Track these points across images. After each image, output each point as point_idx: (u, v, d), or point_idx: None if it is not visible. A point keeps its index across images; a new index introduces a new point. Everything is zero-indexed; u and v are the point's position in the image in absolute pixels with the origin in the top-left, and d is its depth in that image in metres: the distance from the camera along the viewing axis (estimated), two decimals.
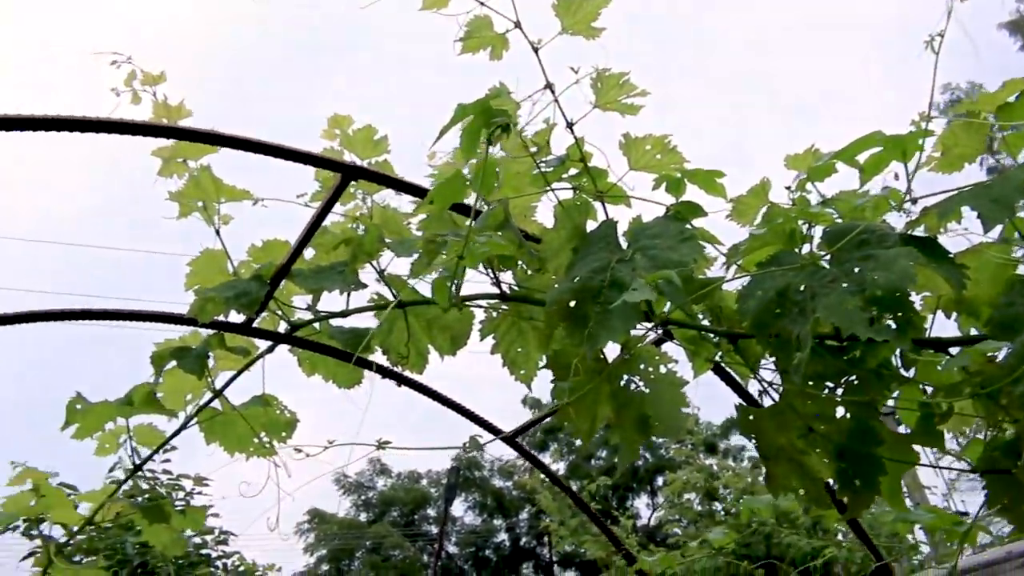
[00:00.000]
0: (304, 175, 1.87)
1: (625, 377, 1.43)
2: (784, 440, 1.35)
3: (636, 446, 1.45)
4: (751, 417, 1.41)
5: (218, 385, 1.92)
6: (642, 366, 1.42)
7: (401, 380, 1.93)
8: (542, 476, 10.02)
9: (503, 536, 26.16)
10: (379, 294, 1.76)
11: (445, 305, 1.42)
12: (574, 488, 8.67)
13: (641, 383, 1.43)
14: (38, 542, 7.18)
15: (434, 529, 25.70)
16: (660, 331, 1.50)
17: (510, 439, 2.17)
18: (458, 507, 26.53)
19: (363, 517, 25.18)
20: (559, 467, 22.14)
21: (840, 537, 7.83)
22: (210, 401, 1.89)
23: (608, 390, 1.43)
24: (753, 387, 1.77)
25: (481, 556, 26.05)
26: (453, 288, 1.46)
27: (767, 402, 1.45)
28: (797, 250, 1.33)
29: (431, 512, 25.92)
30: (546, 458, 24.73)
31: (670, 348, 1.56)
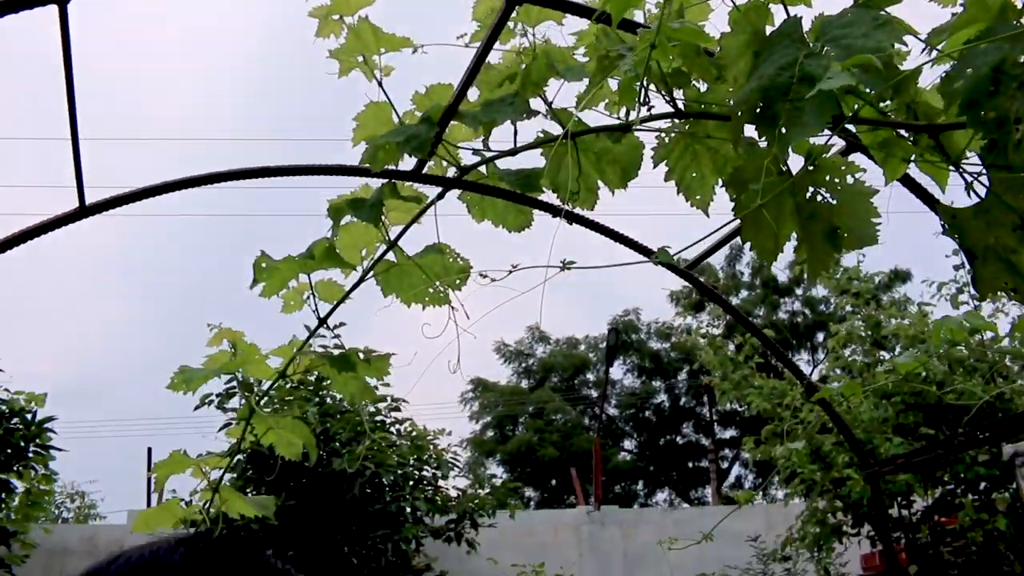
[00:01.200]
0: (461, 19, 1.84)
1: (811, 190, 1.36)
2: (992, 238, 1.27)
3: (825, 260, 1.39)
4: (954, 217, 1.32)
5: (390, 239, 1.96)
6: (828, 177, 1.36)
7: (572, 218, 1.92)
8: (701, 336, 10.00)
9: (662, 397, 26.49)
10: (545, 130, 1.73)
11: (628, 120, 1.38)
12: (731, 346, 8.59)
13: (828, 195, 1.36)
14: (232, 415, 7.78)
15: (594, 393, 26.29)
16: (845, 140, 1.42)
17: (686, 272, 2.14)
18: (617, 370, 26.96)
19: (524, 384, 26.00)
20: (717, 329, 22.00)
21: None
22: (385, 253, 1.94)
23: (792, 205, 1.38)
24: (949, 195, 1.65)
25: (641, 417, 26.54)
26: (624, 113, 1.42)
27: (969, 201, 1.35)
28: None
29: (590, 376, 26.47)
30: (703, 317, 24.63)
31: (857, 159, 1.48)
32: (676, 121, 1.59)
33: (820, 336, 25.27)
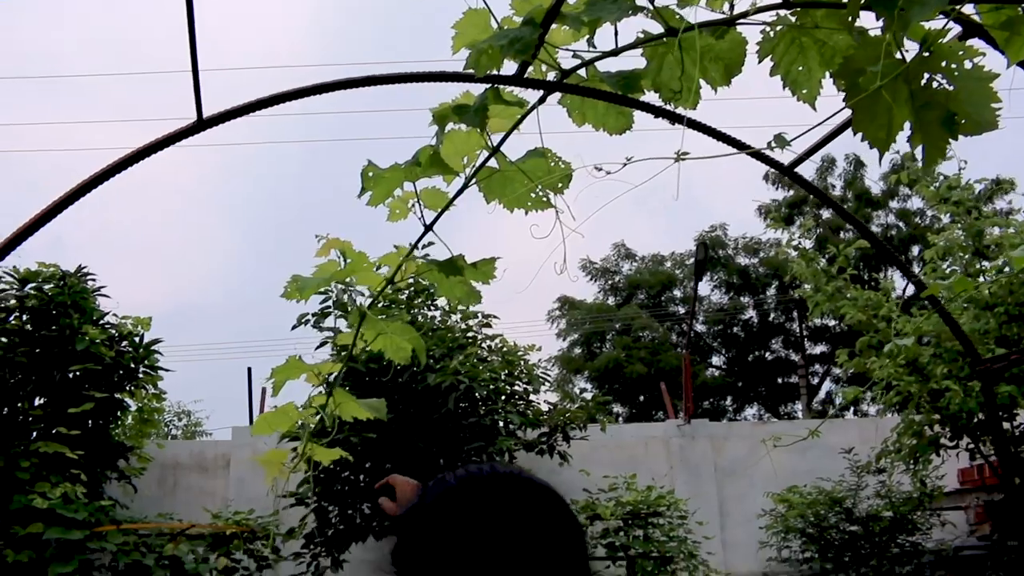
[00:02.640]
0: None
1: (926, 77, 1.33)
2: None
3: (942, 147, 1.37)
4: None
5: (492, 145, 1.99)
6: (945, 63, 1.32)
7: (674, 118, 1.91)
8: (791, 248, 9.80)
9: (751, 313, 26.22)
10: (645, 30, 1.72)
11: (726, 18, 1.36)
12: (823, 261, 8.40)
13: (944, 81, 1.33)
14: (328, 334, 8.02)
15: (681, 309, 26.17)
16: (963, 24, 1.37)
17: (789, 170, 2.12)
18: (704, 286, 26.72)
19: (611, 301, 26.03)
20: (807, 243, 21.53)
21: None
22: (487, 159, 1.96)
23: (906, 93, 1.35)
24: None
25: (729, 334, 26.36)
26: (728, 7, 1.40)
27: None
28: None
29: (677, 293, 26.32)
30: (793, 231, 24.09)
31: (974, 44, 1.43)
32: (782, 13, 1.56)
33: (915, 250, 24.52)
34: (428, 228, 1.96)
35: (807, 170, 23.87)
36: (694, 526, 8.93)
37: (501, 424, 8.42)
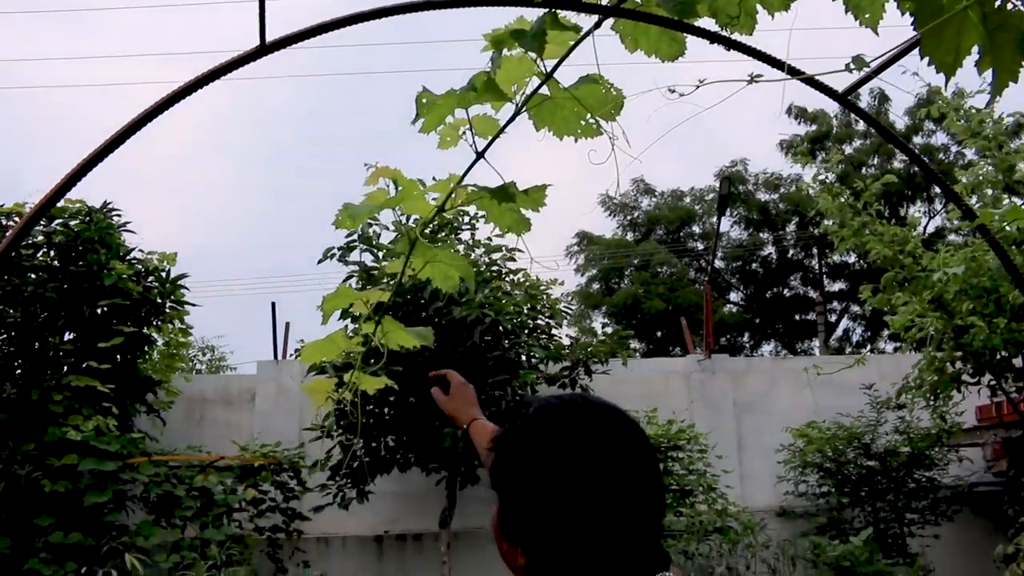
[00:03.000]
0: None
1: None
2: None
3: (1014, 70, 1.35)
4: None
5: (545, 72, 1.98)
6: None
7: (729, 44, 1.89)
8: (811, 183, 9.72)
9: (770, 249, 26.12)
10: None
11: None
12: (846, 195, 8.31)
13: (1020, 3, 1.31)
14: (353, 267, 8.05)
15: (700, 245, 26.10)
16: None
17: (842, 97, 2.10)
18: (724, 222, 26.61)
19: (629, 237, 25.95)
20: (829, 175, 21.33)
21: None
22: (541, 85, 1.95)
23: (978, 14, 1.33)
24: None
25: (748, 270, 26.30)
26: None
27: None
28: None
29: (696, 229, 26.20)
30: (815, 168, 23.84)
31: None
32: None
33: (937, 187, 24.24)
34: (480, 155, 1.96)
35: (831, 105, 23.47)
36: (713, 460, 9.04)
37: (524, 358, 8.49)
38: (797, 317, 26.37)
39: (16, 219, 8.15)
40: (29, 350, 7.90)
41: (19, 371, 8.01)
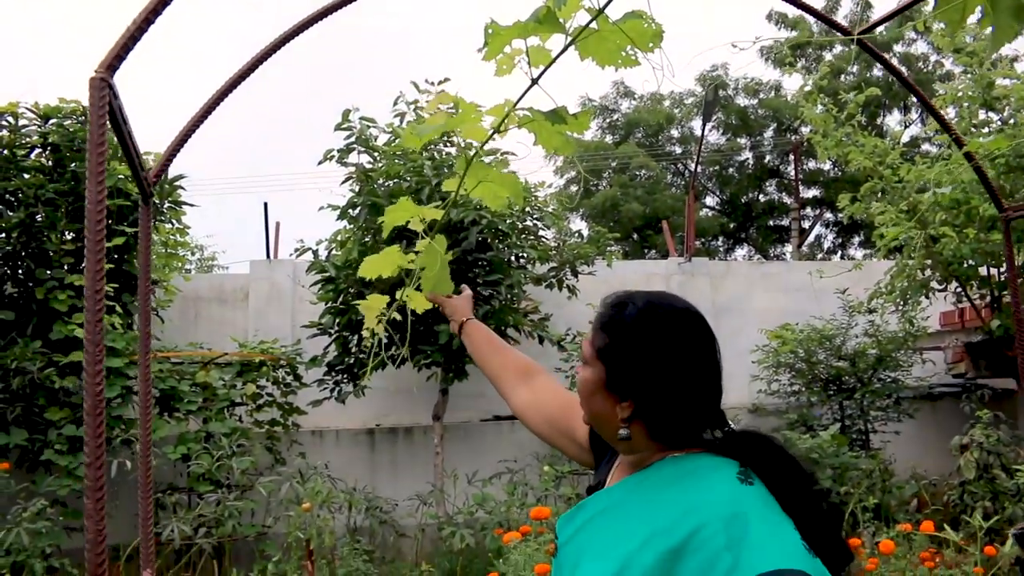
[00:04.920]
0: None
1: None
2: None
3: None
4: None
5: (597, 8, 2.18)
6: None
7: None
8: (800, 95, 9.89)
9: (747, 155, 26.33)
10: None
11: None
12: (828, 104, 8.49)
13: None
14: (351, 168, 8.19)
15: (678, 149, 26.24)
16: None
17: (857, 37, 2.32)
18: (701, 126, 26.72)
19: (608, 139, 26.00)
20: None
21: None
22: (593, 19, 2.16)
23: None
24: None
25: (724, 175, 26.55)
26: None
27: None
28: None
29: (675, 133, 26.30)
30: (795, 76, 23.90)
31: None
32: None
33: (913, 96, 24.43)
34: (534, 82, 2.17)
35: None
36: None
37: (512, 258, 8.75)
38: (771, 223, 26.78)
39: (9, 118, 8.18)
40: (30, 250, 8.04)
41: (21, 271, 8.16)
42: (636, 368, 1.54)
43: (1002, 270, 8.09)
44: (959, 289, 8.36)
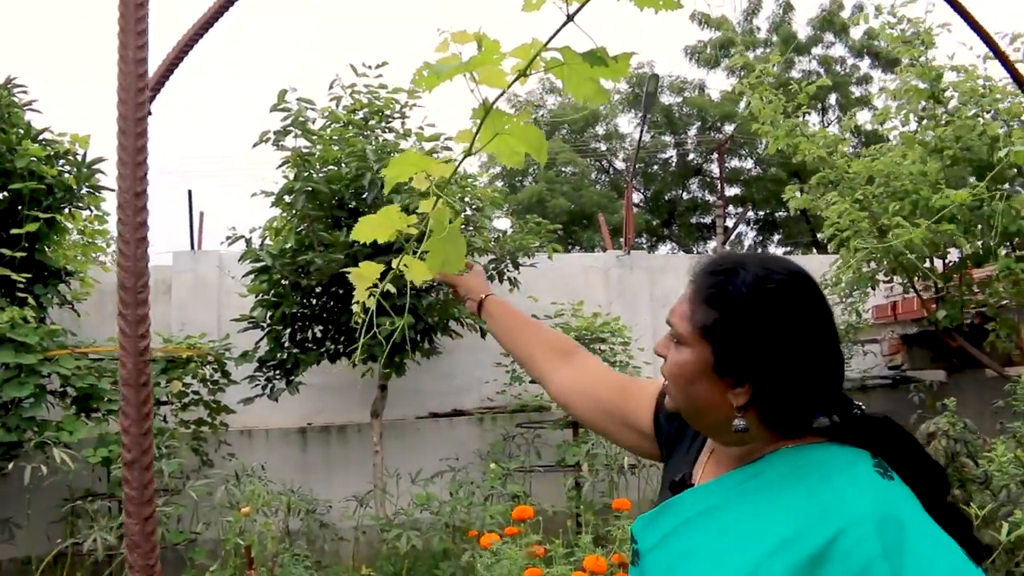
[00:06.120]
0: None
1: None
2: None
3: None
4: None
5: None
6: None
7: None
8: (754, 81, 9.79)
9: (671, 153, 26.50)
10: None
11: None
12: (774, 96, 8.39)
13: None
14: (287, 153, 7.73)
15: (603, 146, 26.24)
16: None
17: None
18: (626, 123, 26.79)
19: None
20: (728, 84, 21.58)
21: None
22: None
23: None
24: None
25: (649, 173, 26.68)
26: None
27: None
28: None
29: (600, 130, 26.30)
30: (719, 73, 24.14)
31: None
32: None
33: (832, 98, 24.95)
34: (570, 19, 1.88)
35: (735, 11, 23.59)
36: (635, 351, 9.29)
37: None
38: (694, 221, 27.03)
39: None
40: None
41: None
42: (755, 347, 1.31)
43: (947, 261, 8.13)
44: (905, 281, 8.37)
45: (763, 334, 1.30)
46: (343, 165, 7.74)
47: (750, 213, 26.27)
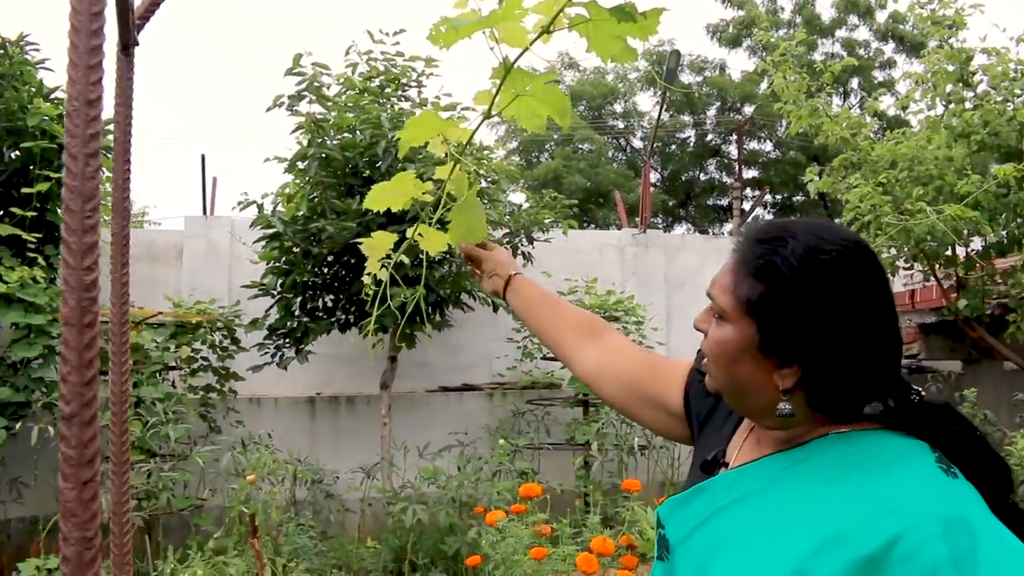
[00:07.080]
0: None
1: None
2: None
3: None
4: None
5: None
6: None
7: None
8: (777, 59, 9.61)
9: (689, 133, 26.25)
10: None
11: None
12: (799, 76, 8.21)
13: None
14: (301, 119, 7.63)
15: (621, 124, 26.01)
16: None
17: None
18: (646, 102, 26.54)
19: None
20: (750, 64, 21.32)
21: None
22: None
23: None
24: None
25: (667, 152, 26.45)
26: None
27: None
28: None
29: (618, 108, 26.06)
30: (740, 53, 23.86)
31: None
32: None
33: (854, 82, 24.63)
34: None
35: None
36: (649, 331, 9.19)
37: None
38: (711, 202, 26.82)
39: None
40: None
41: None
42: (805, 324, 1.19)
43: (969, 249, 7.96)
44: (926, 268, 8.20)
45: (814, 310, 1.18)
46: (358, 132, 7.63)
47: (767, 196, 26.01)
